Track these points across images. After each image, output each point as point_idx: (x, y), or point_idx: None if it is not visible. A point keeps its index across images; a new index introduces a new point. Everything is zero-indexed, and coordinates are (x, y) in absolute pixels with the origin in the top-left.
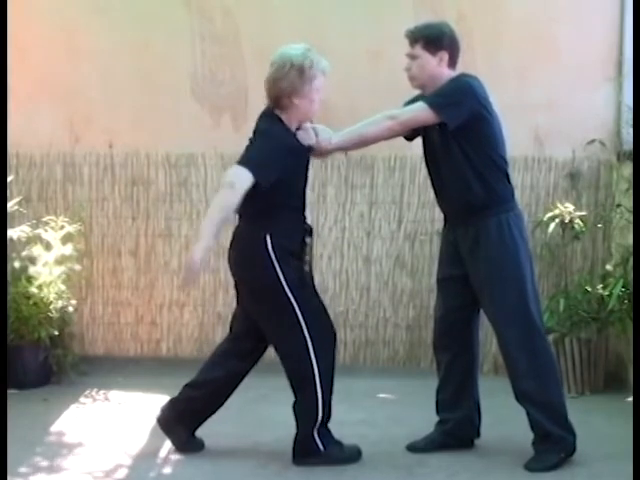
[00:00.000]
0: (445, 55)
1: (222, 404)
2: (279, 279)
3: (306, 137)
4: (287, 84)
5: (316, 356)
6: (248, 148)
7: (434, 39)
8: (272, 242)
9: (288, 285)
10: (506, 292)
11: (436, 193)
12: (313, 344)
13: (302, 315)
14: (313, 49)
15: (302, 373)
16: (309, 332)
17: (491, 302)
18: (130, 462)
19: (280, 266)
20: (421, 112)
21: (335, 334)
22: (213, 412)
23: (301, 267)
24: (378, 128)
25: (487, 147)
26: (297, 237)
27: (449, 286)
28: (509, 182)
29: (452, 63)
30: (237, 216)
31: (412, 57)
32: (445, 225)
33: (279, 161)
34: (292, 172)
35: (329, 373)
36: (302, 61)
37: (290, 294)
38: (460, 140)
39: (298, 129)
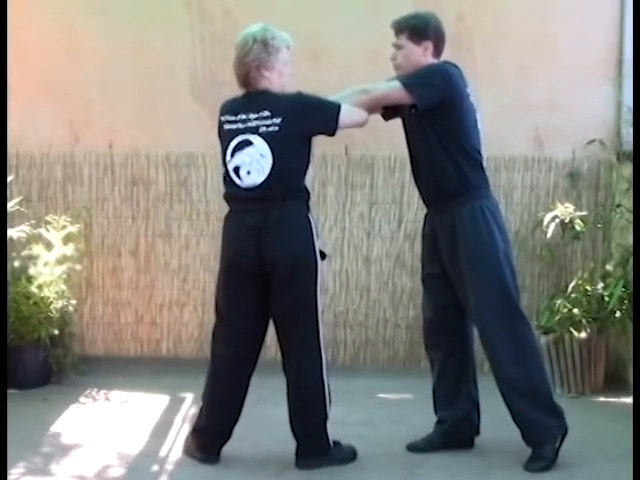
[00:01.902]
0: (430, 45)
1: (238, 415)
2: (316, 256)
3: None
4: (252, 57)
5: (324, 343)
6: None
7: (419, 29)
8: (308, 217)
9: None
10: (486, 280)
11: (415, 178)
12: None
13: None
14: (273, 26)
15: (316, 360)
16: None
17: (472, 290)
18: (130, 462)
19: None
20: (393, 90)
21: None
22: (232, 425)
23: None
24: (350, 102)
25: (459, 136)
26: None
27: (432, 284)
28: (483, 171)
29: (437, 53)
30: (265, 203)
31: (397, 47)
32: (424, 222)
33: None
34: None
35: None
36: (264, 34)
37: (319, 274)
38: (434, 126)
39: None
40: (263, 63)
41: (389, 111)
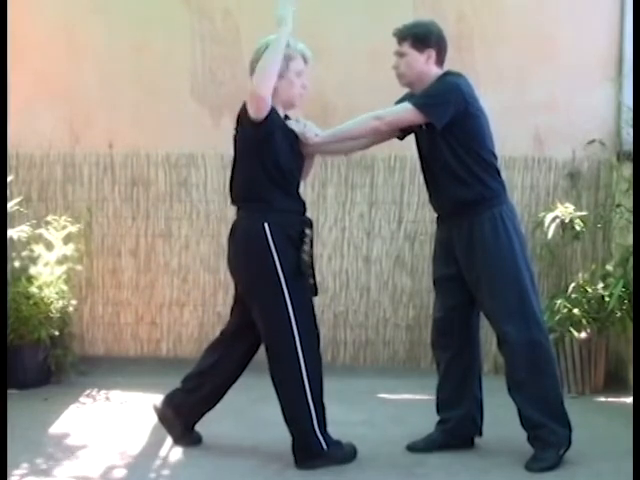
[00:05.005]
0: (432, 53)
1: (220, 398)
2: (275, 267)
3: (295, 127)
4: None
5: (303, 352)
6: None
7: (422, 37)
8: (271, 230)
9: (284, 274)
10: (505, 286)
11: (429, 193)
12: (301, 340)
13: (292, 308)
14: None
15: (289, 368)
16: (297, 326)
17: (490, 297)
18: (130, 462)
19: (278, 254)
20: (407, 113)
21: (318, 332)
22: (210, 407)
23: (299, 257)
24: (364, 128)
25: (475, 144)
26: (297, 227)
27: (445, 286)
28: (499, 176)
29: (439, 61)
30: (236, 209)
31: (400, 55)
32: (438, 225)
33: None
34: (280, 150)
35: (317, 370)
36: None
37: (284, 284)
38: (448, 139)
39: (287, 118)
40: None
41: (403, 130)
